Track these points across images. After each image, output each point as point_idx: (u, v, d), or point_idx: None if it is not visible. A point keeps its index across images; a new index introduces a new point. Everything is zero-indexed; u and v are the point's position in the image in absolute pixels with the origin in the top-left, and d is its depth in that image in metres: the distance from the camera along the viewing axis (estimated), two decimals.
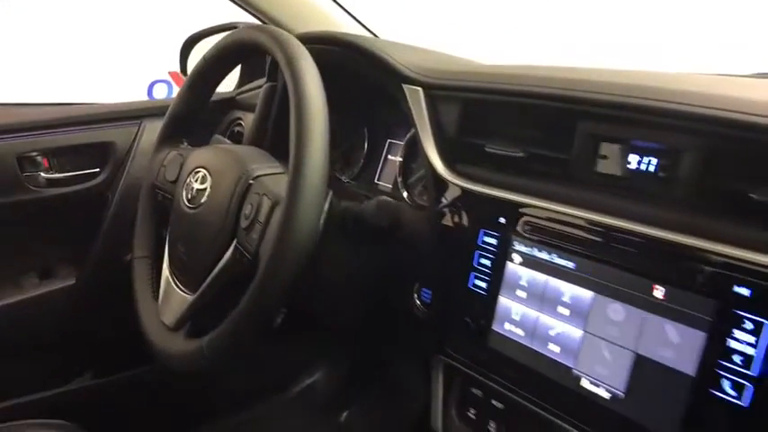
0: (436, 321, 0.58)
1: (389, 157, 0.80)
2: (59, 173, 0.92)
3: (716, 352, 0.37)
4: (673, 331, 0.39)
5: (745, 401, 0.36)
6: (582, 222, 0.45)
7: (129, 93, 2.15)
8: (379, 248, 0.68)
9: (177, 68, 1.02)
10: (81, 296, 0.94)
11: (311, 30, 0.87)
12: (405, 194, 0.73)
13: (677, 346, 0.39)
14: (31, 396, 0.94)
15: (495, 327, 0.51)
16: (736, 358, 0.36)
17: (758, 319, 0.35)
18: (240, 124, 0.98)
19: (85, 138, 0.94)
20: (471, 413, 0.56)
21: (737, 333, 0.36)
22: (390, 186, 0.78)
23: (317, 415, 1.22)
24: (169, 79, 2.32)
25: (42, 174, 0.90)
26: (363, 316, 0.77)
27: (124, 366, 1.01)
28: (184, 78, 0.79)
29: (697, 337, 0.38)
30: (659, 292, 0.40)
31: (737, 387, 0.36)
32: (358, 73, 0.70)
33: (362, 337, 0.98)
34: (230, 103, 1.03)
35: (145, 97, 2.26)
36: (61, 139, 0.92)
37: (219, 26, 0.98)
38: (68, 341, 0.97)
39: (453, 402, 0.58)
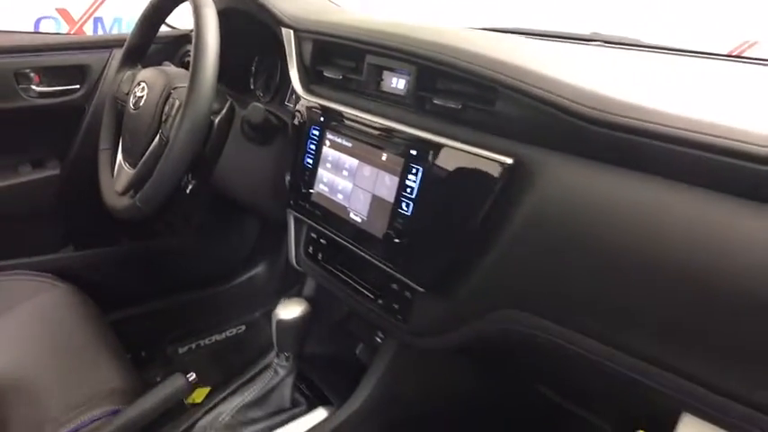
0: (290, 190, 0.86)
1: None
2: (48, 87, 1.20)
3: (401, 187, 0.66)
4: (387, 179, 0.68)
5: (409, 211, 0.65)
6: (363, 120, 0.73)
7: (16, 26, 2.21)
8: (272, 148, 0.96)
9: (65, 6, 1.27)
10: (64, 182, 1.24)
11: None
12: None
13: (388, 186, 0.67)
14: (26, 259, 1.25)
15: (315, 188, 0.79)
16: (408, 190, 0.65)
17: (418, 167, 0.64)
18: (189, 55, 1.26)
19: (68, 60, 1.21)
20: (310, 250, 0.86)
21: (410, 176, 0.65)
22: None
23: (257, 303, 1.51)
24: (57, 16, 2.45)
25: (34, 87, 1.19)
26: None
27: (101, 238, 1.32)
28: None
29: (395, 181, 0.66)
30: (384, 156, 0.68)
31: (407, 204, 0.65)
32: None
33: None
34: (184, 38, 1.29)
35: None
36: (49, 60, 1.19)
37: None
38: (57, 218, 1.28)
39: (301, 243, 0.88)
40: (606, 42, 1.02)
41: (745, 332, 0.42)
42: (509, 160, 0.55)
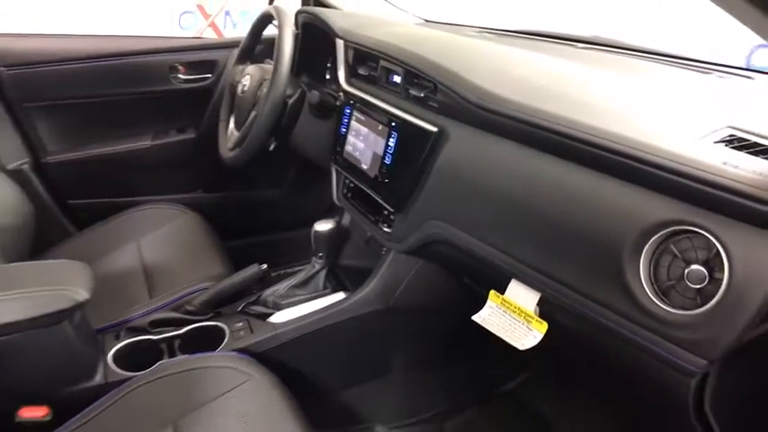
0: (332, 150, 1.26)
1: None
2: (189, 76, 1.72)
3: (386, 146, 1.04)
4: (380, 140, 1.06)
5: (389, 161, 1.03)
6: (374, 103, 1.12)
7: (163, 20, 2.68)
8: (329, 122, 1.38)
9: (202, 2, 1.76)
10: (197, 143, 1.76)
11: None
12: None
13: (380, 146, 1.06)
14: (169, 195, 1.78)
15: (345, 148, 1.20)
16: (389, 148, 1.03)
17: (395, 132, 1.02)
18: None
19: (204, 57, 1.72)
20: (344, 191, 1.27)
21: (390, 139, 1.03)
22: None
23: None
24: (195, 10, 2.93)
25: (180, 75, 1.71)
26: None
27: (220, 185, 1.83)
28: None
29: (382, 142, 1.05)
30: (380, 126, 1.07)
31: (388, 157, 1.03)
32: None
33: None
34: None
35: (176, 24, 2.89)
36: (191, 57, 1.71)
37: None
38: (191, 168, 1.80)
39: (340, 188, 1.29)
40: (590, 44, 1.31)
41: (549, 238, 0.74)
42: (435, 129, 0.92)
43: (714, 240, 0.55)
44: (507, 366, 1.45)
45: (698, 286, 0.57)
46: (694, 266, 0.57)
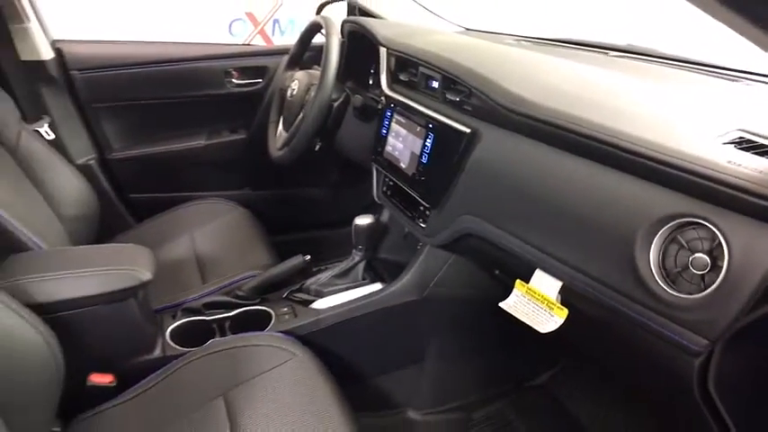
0: (373, 150, 1.35)
1: None
2: (242, 80, 1.84)
3: (423, 146, 1.12)
4: (418, 141, 1.14)
5: (425, 160, 1.11)
6: (413, 107, 1.20)
7: (214, 27, 2.70)
8: (372, 124, 1.47)
9: (251, 10, 1.88)
10: (247, 143, 1.88)
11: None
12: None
13: (418, 146, 1.14)
14: (221, 192, 1.90)
15: (385, 148, 1.28)
16: (426, 148, 1.11)
17: (431, 134, 1.09)
18: None
19: (255, 63, 1.84)
20: (384, 189, 1.36)
21: (427, 140, 1.11)
22: None
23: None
24: (245, 18, 2.92)
25: (234, 80, 1.83)
26: None
27: (268, 184, 1.95)
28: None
29: (420, 142, 1.13)
30: (418, 128, 1.15)
31: (425, 156, 1.11)
32: None
33: None
34: None
35: (227, 30, 2.87)
36: (244, 63, 1.83)
37: None
38: (241, 167, 1.92)
39: (380, 186, 1.38)
40: (623, 52, 1.36)
41: (572, 230, 0.81)
42: (468, 130, 1.00)
43: (716, 231, 0.61)
44: (538, 361, 1.50)
45: (701, 273, 0.62)
46: (698, 255, 0.63)
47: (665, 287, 0.66)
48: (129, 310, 1.10)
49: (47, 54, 1.64)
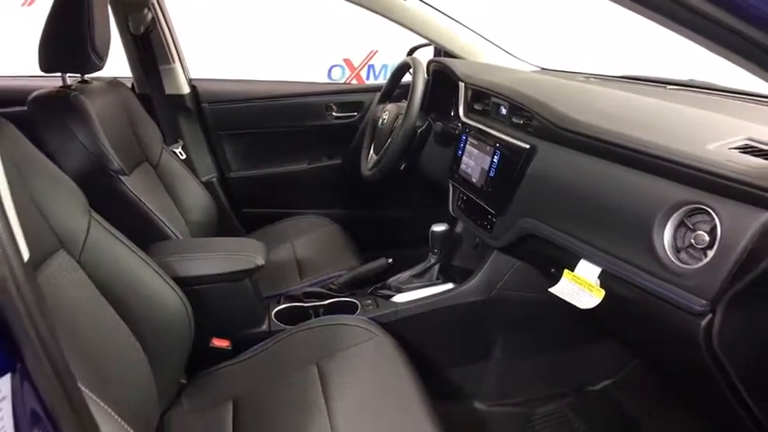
0: (450, 169, 1.56)
1: None
2: (340, 114, 2.14)
3: (491, 163, 1.32)
4: (486, 159, 1.34)
5: (492, 174, 1.30)
6: (485, 131, 1.40)
7: (313, 73, 3.05)
8: (451, 148, 1.68)
9: (349, 57, 2.16)
10: (341, 168, 2.16)
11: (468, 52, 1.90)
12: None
13: (486, 162, 1.34)
14: (316, 210, 2.18)
15: (460, 167, 1.49)
16: (493, 164, 1.30)
17: (498, 151, 1.29)
18: None
19: (352, 98, 2.13)
20: (458, 203, 1.56)
21: (495, 157, 1.30)
22: None
23: None
24: (343, 64, 3.32)
25: (333, 113, 2.13)
26: None
27: (357, 204, 2.20)
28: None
29: (488, 159, 1.33)
30: (488, 147, 1.35)
31: (492, 170, 1.31)
32: None
33: None
34: None
35: (325, 75, 3.30)
36: (342, 98, 2.12)
37: (425, 43, 2.05)
38: (334, 188, 2.20)
39: (455, 200, 1.58)
40: (681, 86, 1.51)
41: (609, 223, 0.98)
42: (527, 146, 1.19)
43: (713, 213, 0.77)
44: (601, 366, 1.61)
45: (701, 247, 0.78)
46: (700, 233, 0.79)
47: (674, 260, 0.82)
48: (245, 288, 1.36)
49: (185, 89, 2.02)
